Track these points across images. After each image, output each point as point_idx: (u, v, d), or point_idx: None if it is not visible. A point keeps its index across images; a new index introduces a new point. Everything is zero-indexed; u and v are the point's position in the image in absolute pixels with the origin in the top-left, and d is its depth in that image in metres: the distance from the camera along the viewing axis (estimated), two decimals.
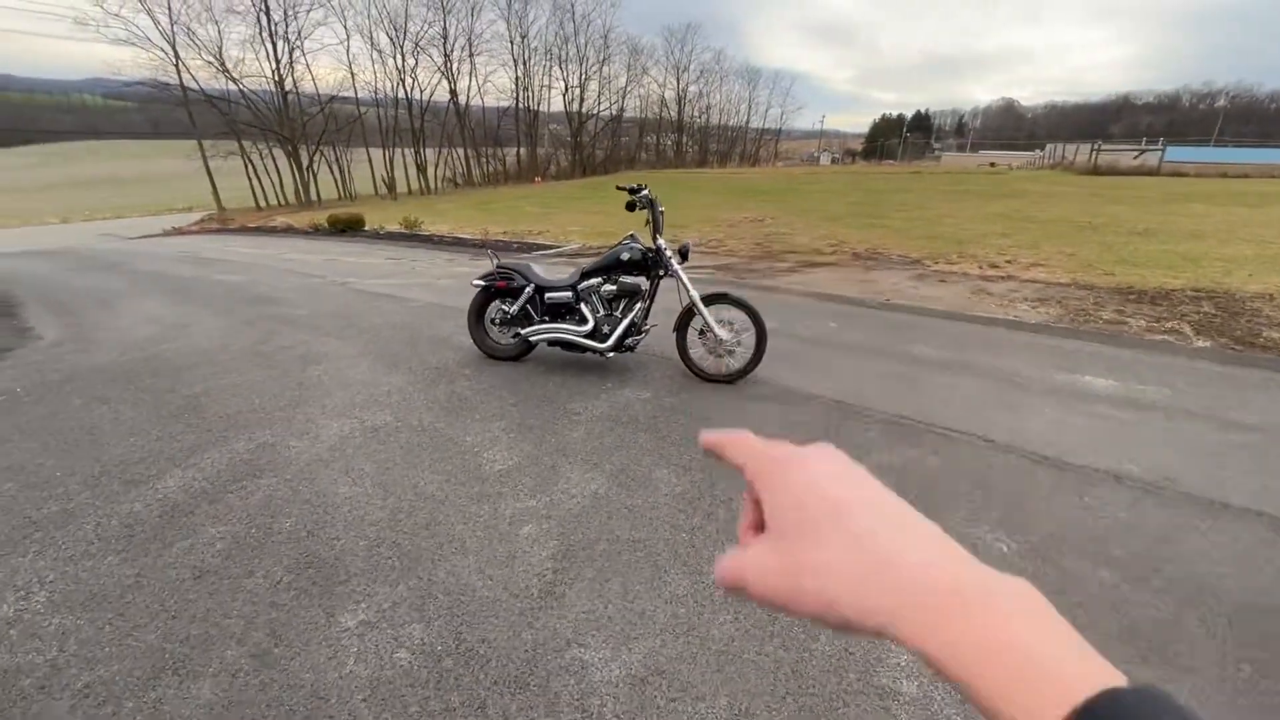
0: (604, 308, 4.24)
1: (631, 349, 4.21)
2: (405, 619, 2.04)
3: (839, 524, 0.27)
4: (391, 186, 33.06)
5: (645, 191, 4.00)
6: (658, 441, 3.31)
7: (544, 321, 4.36)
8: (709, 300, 4.04)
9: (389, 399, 3.88)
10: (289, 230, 15.02)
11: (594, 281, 4.20)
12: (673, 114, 58.04)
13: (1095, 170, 28.12)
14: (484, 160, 42.25)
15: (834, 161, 78.94)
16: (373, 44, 40.92)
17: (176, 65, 25.05)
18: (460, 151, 39.83)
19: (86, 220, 29.13)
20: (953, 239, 10.10)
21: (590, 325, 4.19)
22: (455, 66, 36.93)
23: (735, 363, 4.11)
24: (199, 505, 2.71)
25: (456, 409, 3.73)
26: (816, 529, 0.28)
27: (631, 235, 4.20)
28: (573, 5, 45.36)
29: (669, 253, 4.01)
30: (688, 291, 4.02)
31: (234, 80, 26.66)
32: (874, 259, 8.76)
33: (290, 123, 28.39)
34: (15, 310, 6.56)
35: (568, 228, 13.38)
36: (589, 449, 3.23)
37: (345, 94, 32.48)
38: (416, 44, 34.98)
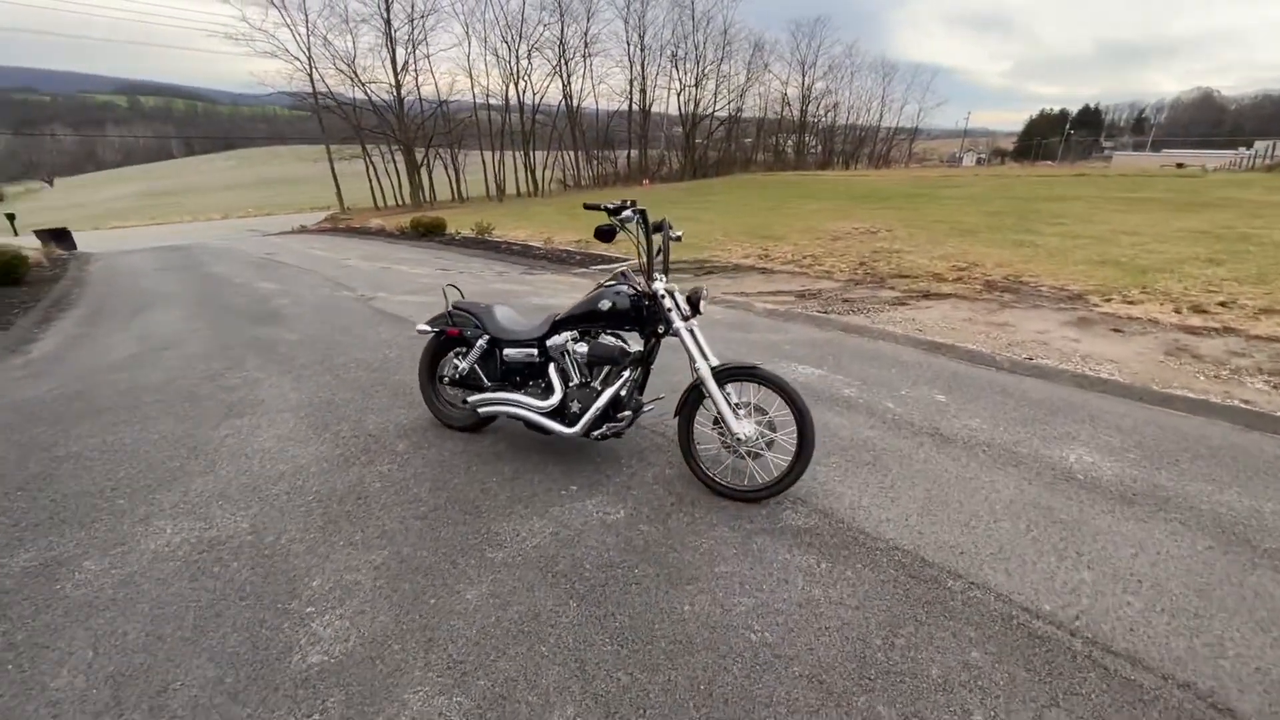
0: (579, 374, 2.96)
1: (609, 437, 2.90)
2: None
3: None
4: (501, 188, 33.77)
5: (627, 212, 2.65)
6: (589, 628, 1.98)
7: (501, 385, 3.16)
8: (728, 375, 2.64)
9: (272, 488, 2.86)
10: (380, 232, 15.17)
11: (565, 338, 2.92)
12: (795, 113, 55.01)
13: None
14: (594, 162, 42.23)
15: (979, 162, 71.35)
16: (485, 47, 42.12)
17: (310, 75, 27.13)
18: (570, 154, 40.02)
19: (241, 217, 32.62)
20: (1132, 266, 7.62)
21: (556, 398, 2.92)
22: (569, 68, 37.13)
23: (764, 470, 2.68)
24: None
25: (339, 518, 2.62)
26: None
27: (623, 273, 2.88)
28: (692, 2, 44.01)
29: (669, 301, 2.65)
30: (694, 361, 2.63)
31: (361, 86, 28.43)
32: (1014, 290, 6.67)
33: (406, 126, 29.77)
34: (55, 314, 6.50)
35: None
36: (472, 638, 1.97)
37: (459, 97, 33.66)
38: (531, 47, 35.51)
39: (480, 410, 3.12)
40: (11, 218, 23.17)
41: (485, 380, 3.18)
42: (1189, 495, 2.72)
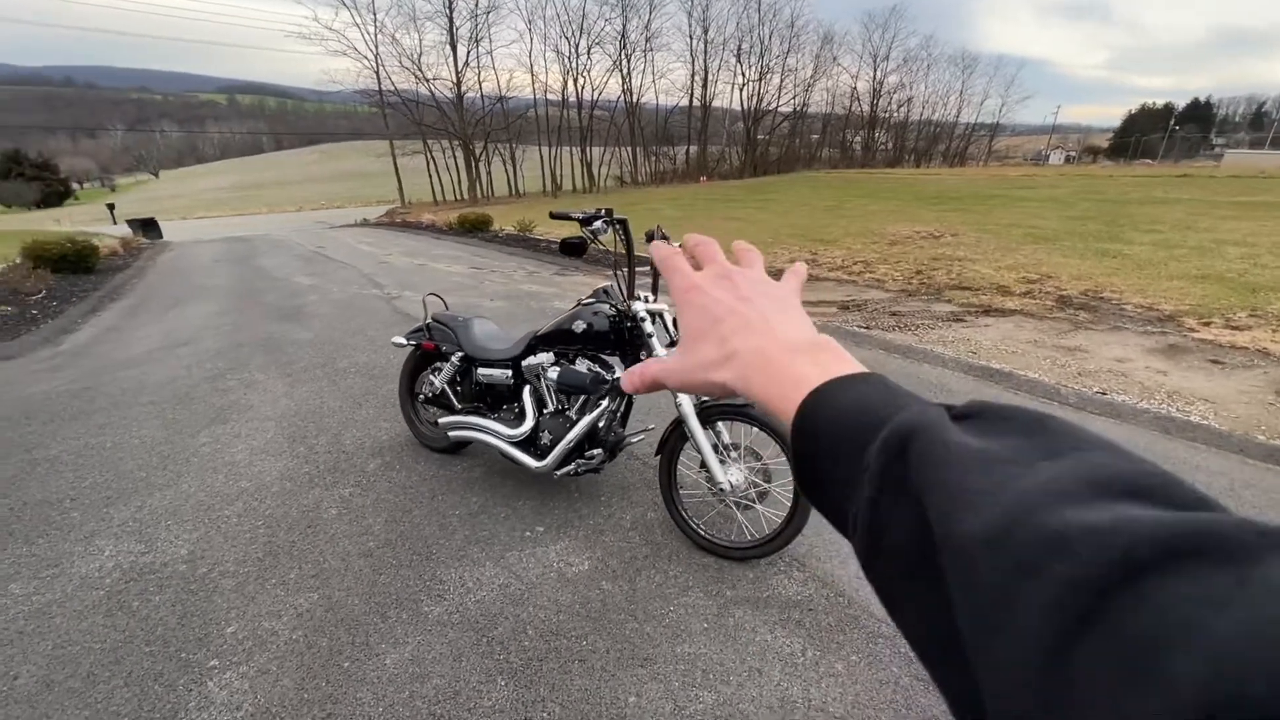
0: (555, 400, 2.64)
1: (584, 473, 2.57)
2: None
3: (716, 332, 0.38)
4: (558, 184, 33.93)
5: (599, 223, 2.30)
6: (512, 717, 1.66)
7: (474, 408, 2.88)
8: (716, 412, 2.26)
9: (226, 509, 2.69)
10: (429, 228, 15.38)
11: (541, 360, 2.61)
12: (864, 108, 52.82)
13: None
14: (652, 158, 41.88)
15: (1068, 161, 66.54)
16: (546, 43, 42.53)
17: (377, 72, 28.04)
18: (628, 150, 39.81)
19: (314, 209, 34.22)
20: (1239, 283, 6.62)
21: (528, 426, 2.61)
22: (630, 63, 36.90)
23: (756, 523, 2.31)
24: None
25: (280, 550, 2.41)
26: (701, 337, 0.38)
27: (604, 290, 2.54)
28: None
29: (650, 325, 2.29)
30: (676, 395, 2.26)
31: (425, 82, 29.13)
32: (1092, 308, 5.89)
33: (466, 122, 30.31)
34: (104, 304, 6.76)
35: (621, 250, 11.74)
36: (377, 717, 1.69)
37: (518, 93, 33.99)
38: (592, 42, 35.46)
39: (450, 434, 2.85)
40: (111, 207, 25.15)
41: (456, 401, 2.92)
42: None
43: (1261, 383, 3.98)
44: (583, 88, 36.29)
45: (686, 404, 2.25)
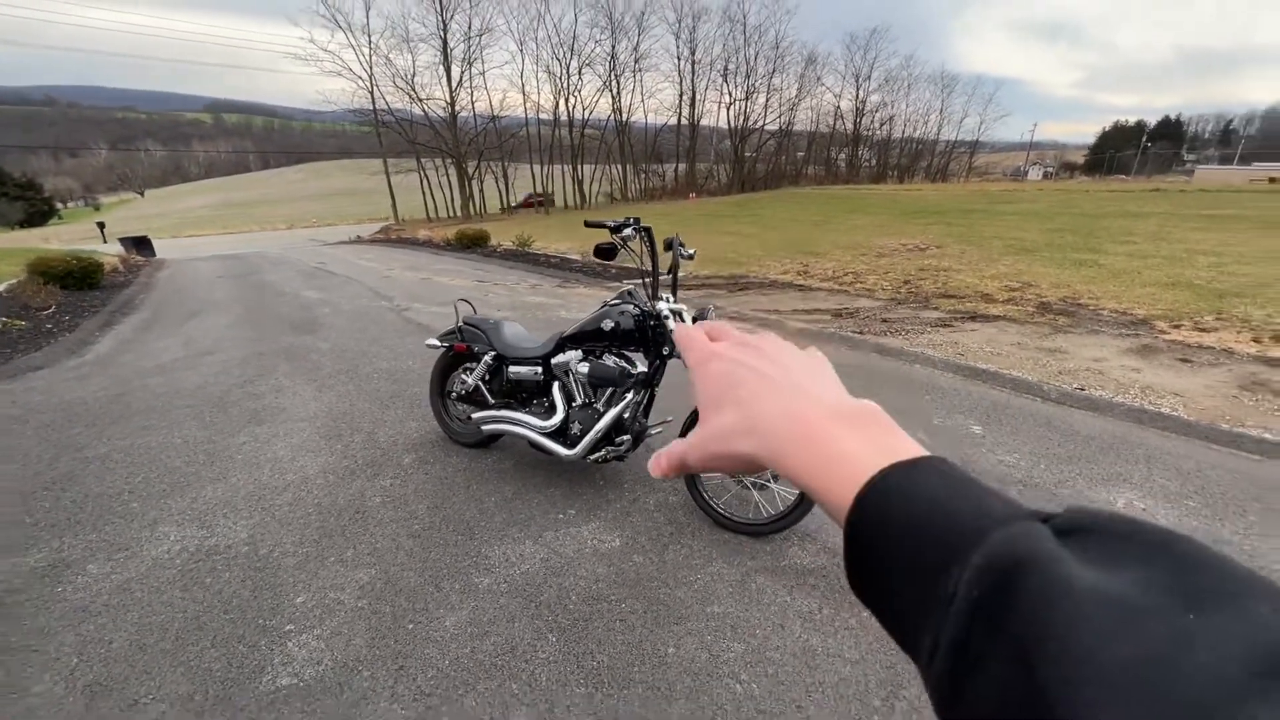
0: (583, 394, 2.87)
1: (611, 460, 2.79)
2: None
3: (734, 396, 0.34)
4: (550, 201, 34.41)
5: (629, 230, 2.56)
6: (565, 666, 1.87)
7: (506, 403, 3.11)
8: None
9: (276, 499, 2.88)
10: (426, 244, 15.62)
11: (569, 356, 2.85)
12: (848, 126, 54.05)
13: None
14: (641, 175, 42.55)
15: (1045, 176, 68.26)
16: (538, 64, 43.30)
17: (371, 92, 28.50)
18: (618, 167, 40.48)
19: (305, 227, 34.30)
20: (1207, 289, 7.02)
21: (558, 418, 2.84)
22: (619, 83, 37.65)
23: (772, 501, 2.53)
24: None
25: (335, 533, 2.61)
26: (719, 405, 0.35)
27: (629, 291, 2.79)
28: (745, 16, 44.08)
29: (674, 321, 2.53)
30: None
31: (419, 102, 29.62)
32: (1071, 313, 6.24)
33: (459, 140, 30.77)
34: (117, 318, 6.90)
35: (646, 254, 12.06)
36: (444, 669, 1.89)
37: (510, 112, 34.56)
38: (582, 63, 36.20)
39: (484, 427, 3.07)
40: (101, 226, 25.14)
41: (490, 397, 3.14)
42: (1259, 554, 2.41)
43: (1226, 378, 4.30)
44: (574, 107, 37.04)
45: None
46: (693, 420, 2.67)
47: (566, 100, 36.25)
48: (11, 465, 3.26)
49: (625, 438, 2.69)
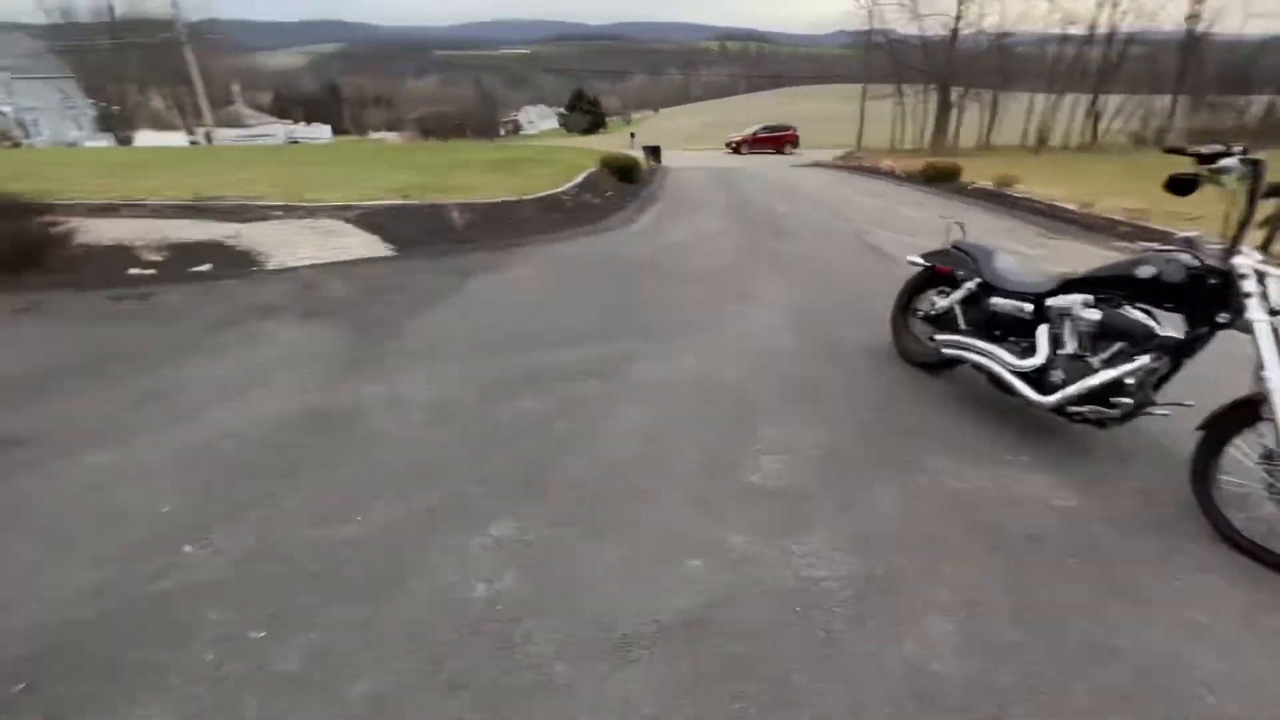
0: (1076, 343, 2.61)
1: (1089, 422, 2.52)
2: None
3: None
4: (1044, 138, 28.33)
5: (1229, 160, 2.06)
6: (988, 590, 1.96)
7: (976, 332, 3.05)
8: None
9: (753, 359, 3.61)
10: (889, 173, 15.19)
11: (1072, 300, 2.59)
12: None
13: None
14: (1203, 109, 30.75)
15: None
16: None
17: (870, 12, 27.67)
18: (1167, 98, 29.99)
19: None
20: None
21: (1037, 360, 2.68)
22: None
23: None
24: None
25: (796, 397, 3.15)
26: None
27: (1188, 239, 2.33)
28: None
29: (1253, 284, 2.05)
30: (1265, 369, 2.00)
31: (919, 19, 27.46)
32: None
33: (954, 63, 27.51)
34: (647, 205, 9.10)
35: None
36: (869, 538, 2.21)
37: (1024, 28, 28.75)
38: None
39: (944, 351, 3.11)
40: (633, 136, 32.52)
41: (961, 323, 3.13)
42: None
43: None
44: (1122, 14, 28.18)
45: (1277, 383, 1.96)
46: (1226, 419, 2.13)
47: (1114, 4, 27.88)
48: (602, 292, 4.89)
49: (1125, 401, 2.37)
